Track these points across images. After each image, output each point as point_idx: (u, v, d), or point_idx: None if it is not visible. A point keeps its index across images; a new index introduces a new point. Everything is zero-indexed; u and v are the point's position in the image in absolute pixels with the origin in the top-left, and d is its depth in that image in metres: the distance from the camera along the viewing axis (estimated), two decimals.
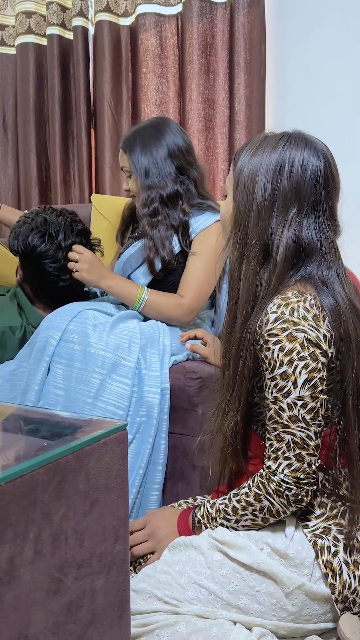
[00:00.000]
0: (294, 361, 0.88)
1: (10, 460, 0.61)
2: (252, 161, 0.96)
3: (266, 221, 0.94)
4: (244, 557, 0.91)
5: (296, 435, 0.89)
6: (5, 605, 0.54)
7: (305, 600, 0.90)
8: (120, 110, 2.41)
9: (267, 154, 0.94)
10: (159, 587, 0.93)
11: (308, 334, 0.88)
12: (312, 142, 0.95)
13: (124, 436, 0.69)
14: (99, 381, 1.27)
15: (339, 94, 2.09)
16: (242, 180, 0.96)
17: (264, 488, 0.92)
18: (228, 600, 0.91)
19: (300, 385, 0.88)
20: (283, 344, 0.88)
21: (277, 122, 2.22)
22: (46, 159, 2.62)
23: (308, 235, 0.93)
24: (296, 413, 0.89)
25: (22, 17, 2.52)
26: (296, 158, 0.93)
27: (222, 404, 1.00)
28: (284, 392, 0.89)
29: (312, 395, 0.89)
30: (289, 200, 0.93)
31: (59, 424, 0.76)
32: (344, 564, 0.91)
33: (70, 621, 0.63)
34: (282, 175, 0.93)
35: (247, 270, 0.95)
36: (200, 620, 0.90)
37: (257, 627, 0.91)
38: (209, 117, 2.27)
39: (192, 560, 0.94)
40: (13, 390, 1.35)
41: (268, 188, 0.93)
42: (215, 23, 2.21)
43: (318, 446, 0.91)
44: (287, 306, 0.90)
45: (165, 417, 1.31)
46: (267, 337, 0.90)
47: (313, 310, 0.90)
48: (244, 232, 0.95)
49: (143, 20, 2.29)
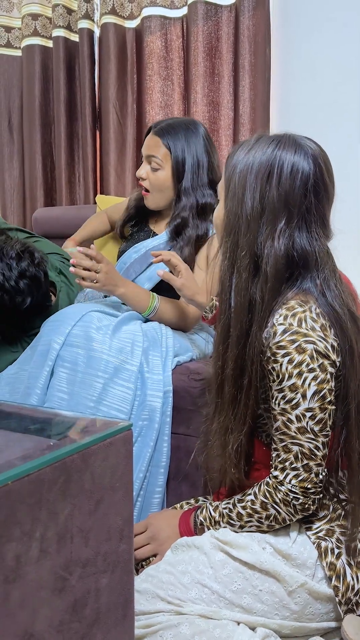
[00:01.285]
0: (303, 373, 0.87)
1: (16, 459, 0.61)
2: (242, 165, 0.92)
3: (255, 232, 0.90)
4: (246, 556, 0.92)
5: (304, 446, 0.89)
6: (11, 603, 0.55)
7: (308, 598, 0.91)
8: (125, 112, 2.42)
9: (258, 158, 0.90)
10: (162, 587, 0.93)
11: (317, 345, 0.87)
12: (302, 146, 0.91)
13: (129, 436, 0.69)
14: (101, 385, 1.27)
15: (344, 97, 2.09)
16: (233, 186, 0.92)
17: (271, 497, 0.92)
18: (231, 599, 0.91)
19: (309, 397, 0.87)
20: (292, 356, 0.87)
21: (282, 125, 2.23)
22: (51, 160, 2.63)
23: (300, 246, 0.90)
24: (305, 424, 0.88)
25: (28, 20, 2.54)
26: (285, 164, 0.89)
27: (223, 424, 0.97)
28: (292, 403, 0.88)
29: (321, 407, 0.88)
30: (277, 210, 0.89)
31: (64, 423, 0.77)
32: (348, 566, 0.91)
33: (75, 620, 0.63)
34: (270, 183, 0.89)
35: (239, 283, 0.91)
36: (203, 621, 0.90)
37: (261, 627, 0.91)
38: (214, 120, 2.28)
39: (195, 560, 0.95)
40: (13, 393, 1.34)
41: (257, 197, 0.89)
42: (220, 26, 2.22)
43: (325, 456, 0.91)
44: (294, 317, 0.88)
45: (168, 419, 1.31)
46: (275, 349, 0.88)
47: (320, 320, 0.89)
48: (234, 243, 0.92)
49: (148, 22, 2.30)
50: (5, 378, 1.37)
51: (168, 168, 1.50)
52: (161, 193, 1.53)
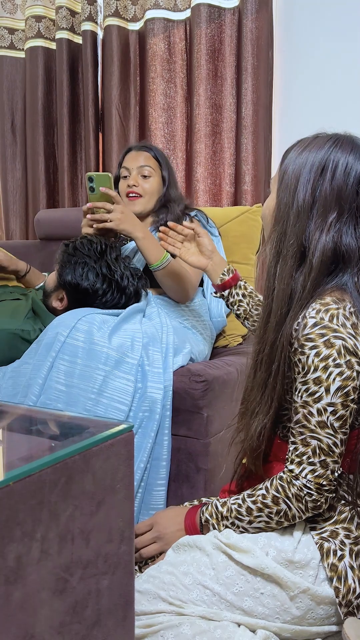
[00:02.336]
0: (329, 367, 0.87)
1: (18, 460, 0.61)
2: (297, 160, 0.94)
3: (304, 223, 0.92)
4: (248, 561, 0.91)
5: (323, 441, 0.89)
6: (12, 604, 0.55)
7: (310, 604, 0.90)
8: (128, 114, 2.42)
9: (313, 154, 0.93)
10: (163, 588, 0.93)
11: (346, 342, 0.87)
12: (359, 147, 0.93)
13: (130, 437, 0.69)
14: (102, 377, 1.28)
15: (347, 99, 2.10)
16: (286, 178, 0.95)
17: (284, 491, 0.92)
18: (232, 601, 0.91)
19: (332, 392, 0.87)
20: (319, 350, 0.87)
21: (284, 127, 2.23)
22: (54, 161, 2.63)
23: (347, 242, 0.91)
24: (325, 419, 0.88)
25: (31, 22, 2.54)
26: (340, 162, 0.91)
27: (252, 405, 0.99)
28: (315, 397, 0.88)
29: (343, 403, 0.88)
30: (328, 204, 0.91)
31: (65, 424, 0.77)
32: (350, 569, 0.91)
33: (75, 621, 0.63)
34: (324, 177, 0.91)
35: (284, 270, 0.93)
36: (204, 621, 0.90)
37: (261, 629, 0.91)
38: (216, 122, 2.28)
39: (197, 561, 0.94)
40: (15, 386, 1.36)
41: (309, 189, 0.92)
42: (224, 28, 2.23)
43: (342, 454, 0.90)
44: (326, 312, 0.89)
45: (168, 413, 1.32)
46: (303, 341, 0.89)
47: (352, 319, 0.89)
48: (282, 231, 0.94)
49: (152, 25, 2.31)
50: (9, 372, 1.39)
51: (158, 176, 1.76)
52: (151, 197, 1.75)
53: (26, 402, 1.30)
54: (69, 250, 1.52)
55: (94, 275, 1.47)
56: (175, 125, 2.34)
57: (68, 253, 1.51)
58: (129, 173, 1.75)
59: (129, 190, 1.73)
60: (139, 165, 1.74)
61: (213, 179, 2.30)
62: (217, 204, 2.30)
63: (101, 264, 1.49)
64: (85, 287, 1.47)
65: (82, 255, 1.50)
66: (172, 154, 2.34)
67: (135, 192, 1.73)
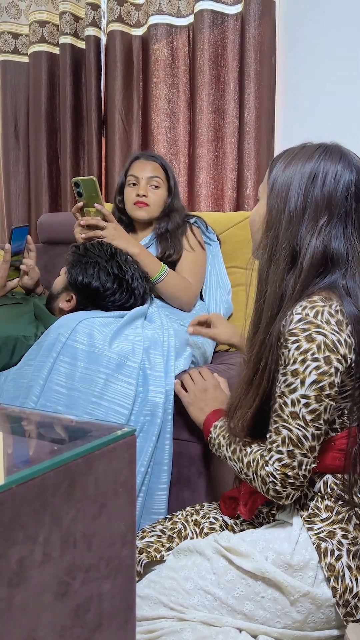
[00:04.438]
0: (307, 360, 0.89)
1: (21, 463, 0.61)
2: (287, 169, 0.98)
3: (296, 227, 0.95)
4: (247, 565, 0.92)
5: (293, 432, 0.91)
6: (15, 607, 0.55)
7: (311, 608, 0.90)
8: (130, 119, 2.43)
9: (303, 163, 0.97)
10: (164, 593, 0.93)
11: (327, 338, 0.89)
12: (348, 156, 0.97)
13: (133, 441, 0.70)
14: (103, 380, 1.29)
15: (350, 105, 2.10)
16: (277, 186, 0.98)
17: (256, 467, 0.95)
18: (233, 606, 0.91)
19: (307, 385, 0.89)
20: (300, 343, 0.90)
21: (286, 133, 2.24)
22: (57, 166, 2.64)
23: (336, 245, 0.95)
24: (297, 410, 0.90)
25: (35, 26, 2.56)
26: (330, 170, 0.95)
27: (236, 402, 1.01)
28: (291, 387, 0.91)
29: (317, 397, 0.90)
30: (320, 209, 0.95)
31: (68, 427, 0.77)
32: (347, 569, 0.91)
33: (77, 625, 0.63)
34: (315, 184, 0.95)
35: (276, 274, 0.96)
36: (206, 627, 0.90)
37: (262, 635, 0.91)
38: (219, 127, 2.29)
39: (198, 566, 0.95)
40: (17, 388, 1.37)
41: (301, 195, 0.95)
42: (226, 34, 2.24)
43: (313, 448, 0.92)
44: (312, 309, 0.91)
45: (170, 417, 1.32)
46: (287, 335, 0.91)
47: (337, 316, 0.91)
48: (274, 236, 0.97)
49: (155, 30, 2.32)
50: (11, 375, 1.39)
51: (165, 187, 1.82)
52: (157, 207, 1.80)
53: (27, 403, 1.30)
54: (79, 251, 1.54)
55: (105, 275, 1.48)
56: (178, 130, 2.35)
57: (79, 254, 1.53)
58: (137, 182, 1.78)
59: (138, 199, 1.77)
60: (149, 175, 1.78)
61: (215, 184, 2.30)
62: (219, 209, 2.30)
63: (112, 264, 1.50)
64: (96, 286, 1.48)
65: (93, 255, 1.51)
66: (175, 158, 2.35)
67: (143, 202, 1.77)
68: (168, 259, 1.74)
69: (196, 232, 1.83)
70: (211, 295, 1.85)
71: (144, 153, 1.88)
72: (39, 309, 1.57)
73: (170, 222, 1.79)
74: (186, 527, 1.10)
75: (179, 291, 1.62)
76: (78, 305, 1.52)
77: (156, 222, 1.81)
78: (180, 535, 1.09)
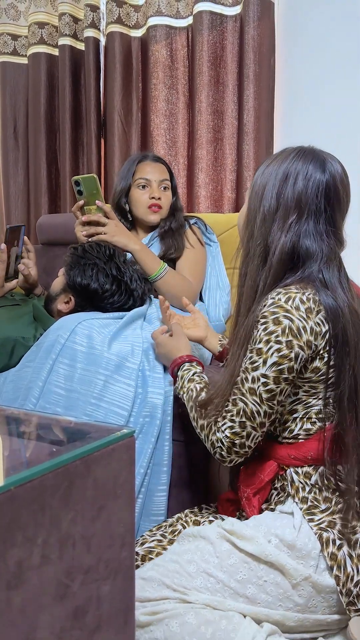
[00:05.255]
0: (271, 342, 0.93)
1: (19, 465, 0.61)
2: (266, 170, 1.03)
3: (269, 225, 1.00)
4: (251, 548, 0.93)
5: (248, 405, 0.96)
6: (13, 609, 0.55)
7: (312, 592, 0.92)
8: (130, 120, 2.43)
9: (279, 164, 1.01)
10: (167, 575, 0.95)
11: (293, 323, 0.93)
12: (321, 158, 1.00)
13: (132, 443, 0.70)
14: (102, 382, 1.29)
15: (348, 107, 2.11)
16: (255, 187, 1.03)
17: (209, 431, 1.01)
18: (236, 589, 0.92)
19: (268, 365, 0.94)
20: (267, 325, 0.94)
21: (286, 134, 2.24)
22: (56, 167, 2.64)
23: (307, 242, 0.98)
24: (255, 387, 0.95)
25: (34, 28, 2.56)
26: (301, 170, 0.99)
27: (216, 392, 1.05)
28: (253, 365, 0.95)
29: (275, 378, 0.94)
30: (289, 207, 0.99)
31: (67, 429, 0.77)
32: (348, 557, 0.93)
33: (76, 627, 0.63)
34: (287, 184, 0.99)
35: (251, 270, 1.02)
36: (209, 611, 0.91)
37: (265, 617, 0.92)
38: (218, 129, 2.29)
39: (201, 550, 0.96)
40: (16, 390, 1.36)
41: (274, 195, 1.00)
42: (226, 35, 2.24)
43: (263, 424, 0.97)
44: (285, 294, 0.95)
45: (169, 419, 1.32)
46: (259, 317, 0.96)
47: (308, 303, 0.94)
48: (250, 234, 1.03)
49: (154, 32, 2.32)
50: (10, 376, 1.39)
51: (170, 188, 1.84)
52: (167, 209, 1.83)
53: (26, 405, 1.30)
54: (78, 252, 1.53)
55: (103, 276, 1.48)
56: (177, 131, 2.35)
57: (77, 255, 1.53)
58: (149, 184, 1.79)
59: (154, 202, 1.78)
60: (161, 178, 1.80)
61: (214, 185, 2.30)
62: (219, 210, 2.30)
63: (111, 265, 1.50)
64: (95, 287, 1.48)
65: (92, 257, 1.51)
66: (174, 160, 2.35)
67: (158, 205, 1.79)
68: (170, 256, 1.74)
69: (196, 231, 1.85)
70: (211, 296, 1.85)
71: (148, 154, 1.88)
72: (38, 310, 1.57)
73: (175, 220, 1.81)
74: (186, 528, 1.10)
75: (179, 290, 1.62)
76: (76, 306, 1.52)
77: (162, 221, 1.83)
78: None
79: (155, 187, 1.79)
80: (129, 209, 1.84)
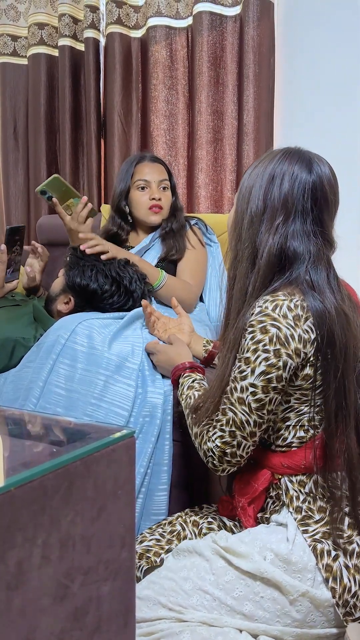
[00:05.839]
0: (258, 351, 0.92)
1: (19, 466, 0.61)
2: (253, 172, 1.02)
3: (257, 227, 0.99)
4: (246, 566, 0.92)
5: (237, 415, 0.95)
6: (13, 610, 0.54)
7: (310, 607, 0.90)
8: (130, 121, 2.43)
9: (266, 166, 1.00)
10: (163, 594, 0.93)
11: (280, 331, 0.91)
12: (308, 159, 0.99)
13: (132, 443, 0.69)
14: (102, 382, 1.29)
15: (348, 107, 2.10)
16: (243, 189, 1.03)
17: (201, 440, 1.00)
18: (232, 606, 0.91)
19: (256, 374, 0.93)
20: (255, 334, 0.93)
21: (285, 134, 2.24)
22: (56, 167, 2.64)
23: (294, 243, 0.97)
24: (244, 397, 0.94)
25: (34, 29, 2.56)
26: (287, 171, 0.98)
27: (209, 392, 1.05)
28: (242, 374, 0.94)
29: (264, 387, 0.93)
30: (276, 209, 0.98)
31: (67, 429, 0.77)
32: (344, 568, 0.91)
33: (76, 628, 0.63)
34: (273, 185, 0.98)
35: (240, 273, 1.01)
36: (205, 628, 0.90)
37: (262, 634, 0.91)
38: (218, 129, 2.29)
39: (197, 567, 0.95)
40: (16, 390, 1.36)
41: (261, 197, 0.99)
42: (225, 36, 2.24)
43: (254, 434, 0.96)
44: (272, 302, 0.94)
45: (169, 418, 1.32)
46: (246, 326, 0.95)
47: (296, 310, 0.93)
48: (238, 236, 1.02)
49: (154, 32, 2.32)
50: (10, 377, 1.39)
51: (169, 188, 1.85)
52: (168, 209, 1.83)
53: (26, 405, 1.30)
54: (77, 253, 1.53)
55: (103, 277, 1.48)
56: (177, 132, 2.35)
57: (77, 256, 1.53)
58: (148, 185, 1.79)
59: (154, 203, 1.78)
60: (160, 178, 1.81)
61: (214, 186, 2.30)
62: (219, 211, 2.30)
63: (110, 266, 1.50)
64: (94, 288, 1.48)
65: (91, 258, 1.51)
66: (174, 160, 2.35)
67: (159, 205, 1.79)
68: (171, 257, 1.75)
69: (197, 232, 1.85)
70: (211, 296, 1.85)
71: (145, 155, 1.88)
72: (38, 311, 1.57)
73: (176, 221, 1.82)
74: (185, 529, 1.10)
75: (180, 295, 1.63)
76: (76, 307, 1.52)
77: (163, 221, 1.83)
78: (179, 537, 1.09)
79: (155, 188, 1.79)
80: (129, 210, 1.84)
